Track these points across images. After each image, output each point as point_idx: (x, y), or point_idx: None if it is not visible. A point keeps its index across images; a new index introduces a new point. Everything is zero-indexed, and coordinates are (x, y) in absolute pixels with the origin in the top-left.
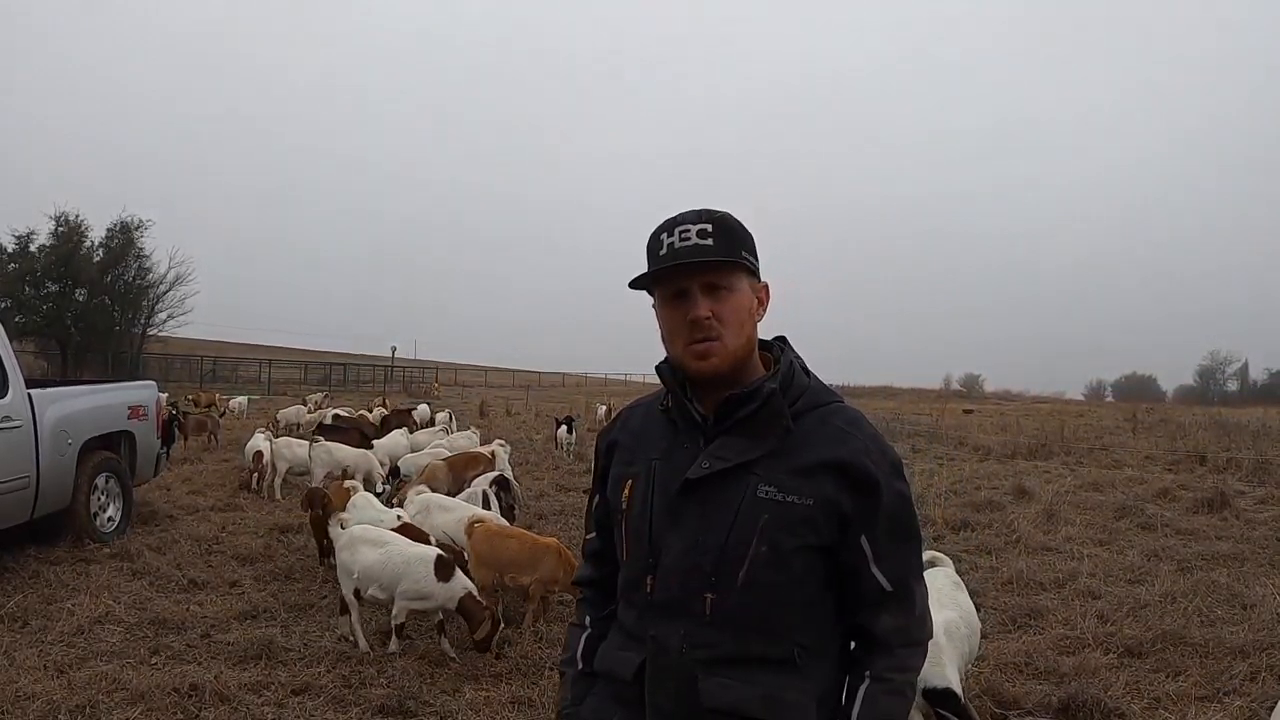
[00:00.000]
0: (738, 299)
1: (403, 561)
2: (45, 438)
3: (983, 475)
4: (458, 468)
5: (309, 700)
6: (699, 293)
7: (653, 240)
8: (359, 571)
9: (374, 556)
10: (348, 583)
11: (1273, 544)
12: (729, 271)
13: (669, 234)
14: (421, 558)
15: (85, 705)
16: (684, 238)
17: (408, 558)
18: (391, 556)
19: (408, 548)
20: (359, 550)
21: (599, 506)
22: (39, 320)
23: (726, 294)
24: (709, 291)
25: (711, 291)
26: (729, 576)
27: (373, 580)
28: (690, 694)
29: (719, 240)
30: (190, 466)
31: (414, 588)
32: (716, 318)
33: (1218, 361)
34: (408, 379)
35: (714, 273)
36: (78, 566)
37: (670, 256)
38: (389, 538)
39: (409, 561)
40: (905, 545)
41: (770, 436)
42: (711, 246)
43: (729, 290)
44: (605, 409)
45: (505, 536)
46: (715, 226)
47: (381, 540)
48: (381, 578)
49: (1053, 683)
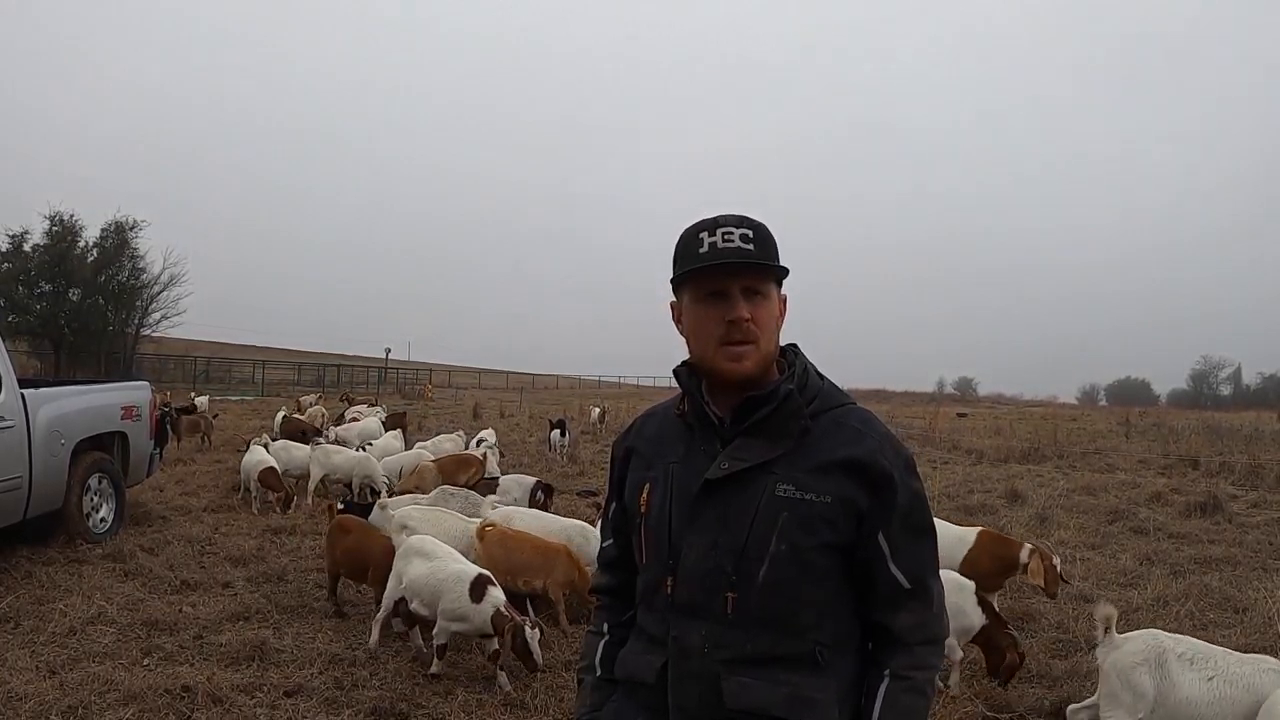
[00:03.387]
0: (771, 306)
1: (443, 579)
2: (38, 438)
3: (976, 479)
4: (448, 469)
5: (301, 702)
6: (739, 295)
7: (689, 238)
8: (407, 582)
9: (422, 570)
10: (394, 588)
11: (1265, 548)
12: (767, 278)
13: (710, 233)
14: (458, 576)
15: (77, 706)
16: (727, 239)
17: (447, 575)
18: (435, 572)
19: (450, 564)
20: (411, 561)
21: (616, 514)
22: (32, 320)
23: (762, 300)
24: (748, 295)
25: (750, 295)
26: (749, 576)
27: (416, 594)
28: (713, 695)
29: (760, 246)
30: (183, 467)
31: (450, 608)
32: (754, 321)
33: (1211, 366)
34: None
35: (755, 277)
36: (70, 567)
37: (712, 255)
38: (440, 551)
39: (447, 580)
40: (921, 542)
41: (787, 437)
42: (754, 251)
43: (764, 296)
44: (599, 411)
45: (518, 540)
46: (756, 233)
47: (433, 554)
48: (423, 593)
49: (1045, 686)
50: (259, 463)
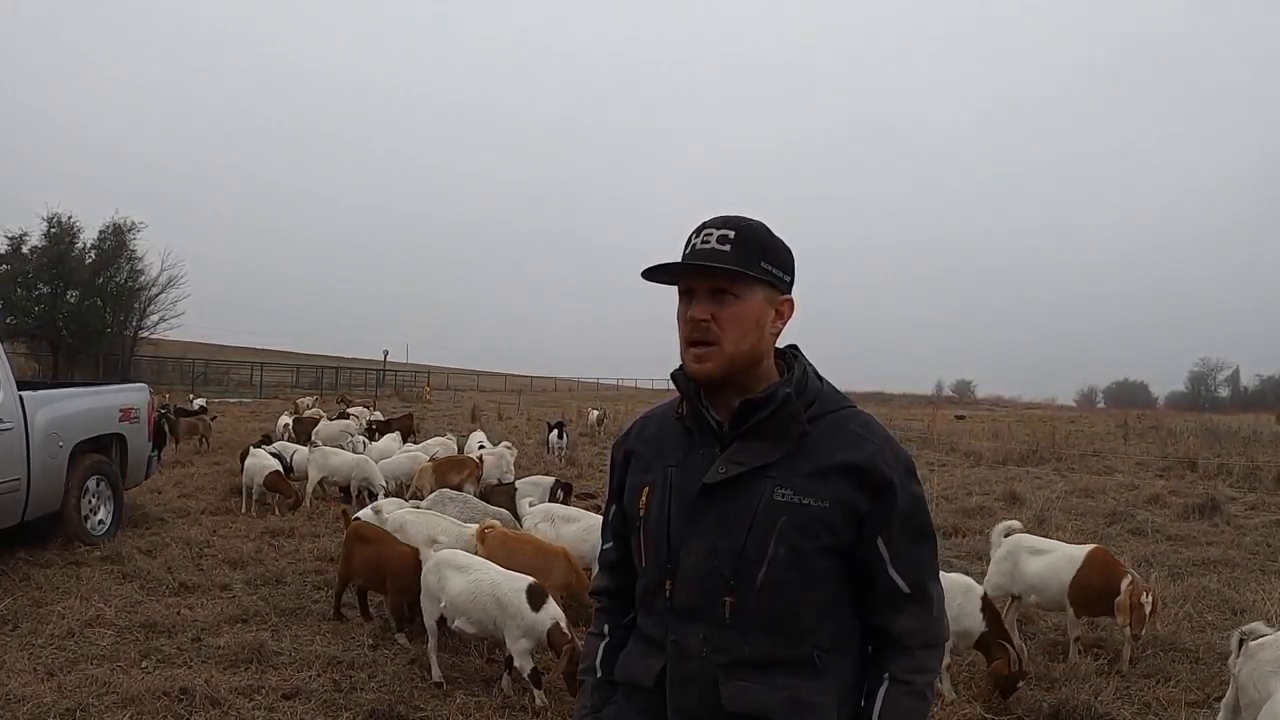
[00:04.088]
0: (744, 307)
1: (496, 595)
2: (36, 440)
3: (974, 481)
4: (443, 471)
5: (300, 704)
6: (704, 295)
7: (687, 239)
8: (446, 600)
9: (460, 584)
10: (432, 608)
11: (1263, 550)
12: (741, 280)
13: (696, 235)
14: (516, 589)
15: (75, 709)
16: (705, 241)
17: (500, 590)
18: (480, 587)
19: (496, 576)
20: (446, 576)
21: (616, 517)
22: (30, 322)
23: (733, 300)
24: (715, 296)
25: (717, 296)
26: (748, 579)
27: (460, 612)
28: (712, 698)
29: (737, 249)
30: (181, 469)
31: (519, 625)
32: (715, 321)
33: (1209, 368)
34: (399, 382)
35: (724, 278)
36: (68, 569)
37: (689, 257)
38: (477, 564)
39: (507, 596)
40: (921, 546)
41: (786, 441)
42: (726, 253)
43: (736, 298)
44: (598, 414)
45: (519, 542)
46: (738, 235)
47: (470, 566)
48: (469, 611)
49: (1043, 688)
50: (263, 468)
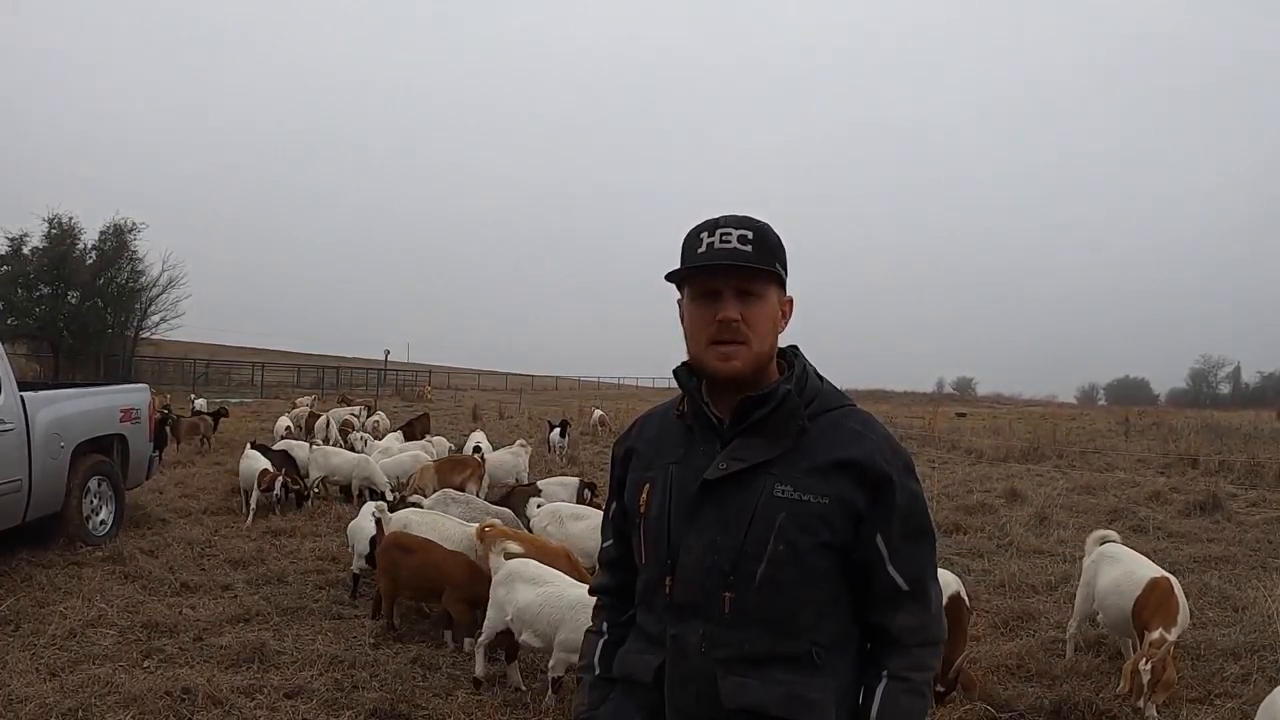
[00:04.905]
0: (766, 307)
1: (564, 608)
2: (37, 441)
3: (975, 478)
4: (444, 471)
5: (301, 704)
6: (731, 295)
7: (691, 238)
8: (514, 612)
9: (530, 596)
10: (497, 618)
11: (1264, 546)
12: (762, 279)
13: (709, 234)
14: (584, 603)
15: (78, 708)
16: (724, 240)
17: (569, 603)
18: (550, 600)
19: (569, 589)
20: (516, 587)
21: (616, 514)
22: (31, 323)
23: (757, 301)
24: (741, 296)
25: (743, 296)
26: (747, 575)
27: (527, 625)
28: (710, 694)
29: (757, 248)
30: (183, 469)
31: (572, 638)
32: (745, 322)
33: (1210, 365)
34: (400, 382)
35: (748, 278)
36: (70, 570)
37: (708, 256)
38: (548, 575)
39: (572, 608)
40: (919, 544)
41: (786, 438)
42: (750, 253)
43: (759, 298)
44: (599, 414)
45: (520, 542)
46: (755, 234)
47: (540, 578)
48: (537, 624)
49: (1045, 685)
50: (253, 469)
